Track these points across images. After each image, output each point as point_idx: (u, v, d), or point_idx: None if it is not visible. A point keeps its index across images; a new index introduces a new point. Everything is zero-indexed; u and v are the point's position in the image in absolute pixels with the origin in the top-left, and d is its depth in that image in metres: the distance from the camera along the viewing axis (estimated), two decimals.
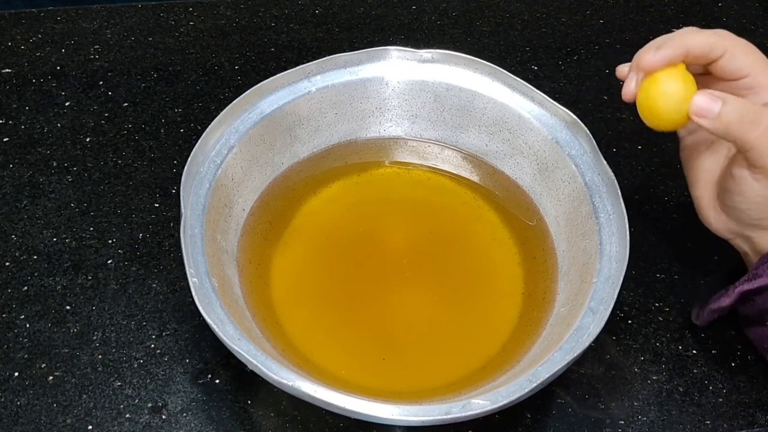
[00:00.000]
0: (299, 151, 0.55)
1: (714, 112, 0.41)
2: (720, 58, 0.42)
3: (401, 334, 0.49)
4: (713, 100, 0.41)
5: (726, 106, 0.40)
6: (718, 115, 0.41)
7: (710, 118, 0.41)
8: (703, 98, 0.41)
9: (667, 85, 0.42)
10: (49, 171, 0.58)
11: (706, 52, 0.42)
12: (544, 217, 0.53)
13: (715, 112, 0.41)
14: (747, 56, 0.42)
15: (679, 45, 0.42)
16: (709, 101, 0.41)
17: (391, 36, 0.72)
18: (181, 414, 0.46)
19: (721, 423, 0.47)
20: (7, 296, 0.51)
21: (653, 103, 0.42)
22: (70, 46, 0.68)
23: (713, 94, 0.41)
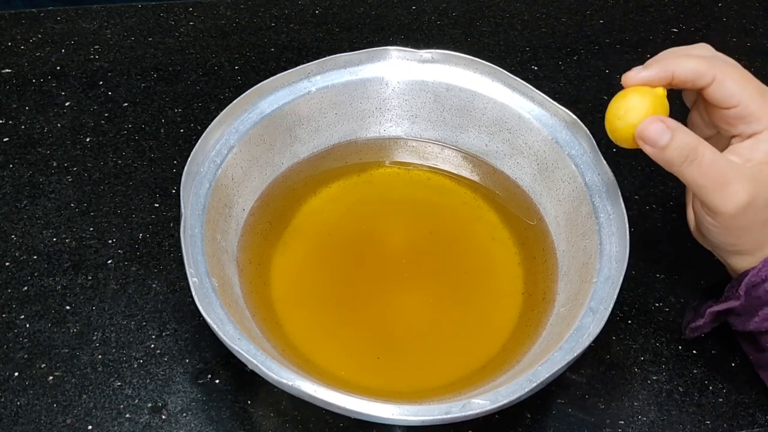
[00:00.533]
0: (299, 151, 0.55)
1: (660, 144, 0.40)
2: (708, 85, 0.41)
3: (401, 334, 0.49)
4: (663, 131, 0.40)
5: (674, 141, 0.39)
6: (662, 148, 0.40)
7: (655, 148, 0.40)
8: (654, 126, 0.40)
9: (630, 101, 0.42)
10: (49, 171, 0.58)
11: (692, 79, 0.41)
12: (544, 217, 0.53)
13: (661, 144, 0.40)
14: (737, 85, 0.41)
15: (665, 68, 0.41)
16: (659, 131, 0.40)
17: (391, 36, 0.72)
18: (181, 414, 0.46)
19: (721, 423, 0.47)
20: (7, 296, 0.51)
21: (612, 115, 0.43)
22: (70, 46, 0.68)
23: (666, 125, 0.40)
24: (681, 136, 0.39)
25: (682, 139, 0.39)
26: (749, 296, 0.43)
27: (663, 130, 0.40)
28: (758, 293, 0.43)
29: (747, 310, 0.44)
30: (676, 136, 0.39)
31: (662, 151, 0.40)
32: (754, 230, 0.42)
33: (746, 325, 0.44)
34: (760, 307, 0.43)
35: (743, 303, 0.43)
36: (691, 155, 0.39)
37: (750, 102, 0.40)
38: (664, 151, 0.40)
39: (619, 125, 0.42)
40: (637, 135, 0.41)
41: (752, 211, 0.40)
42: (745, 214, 0.40)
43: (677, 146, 0.39)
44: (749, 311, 0.44)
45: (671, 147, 0.40)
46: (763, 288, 0.42)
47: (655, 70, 0.41)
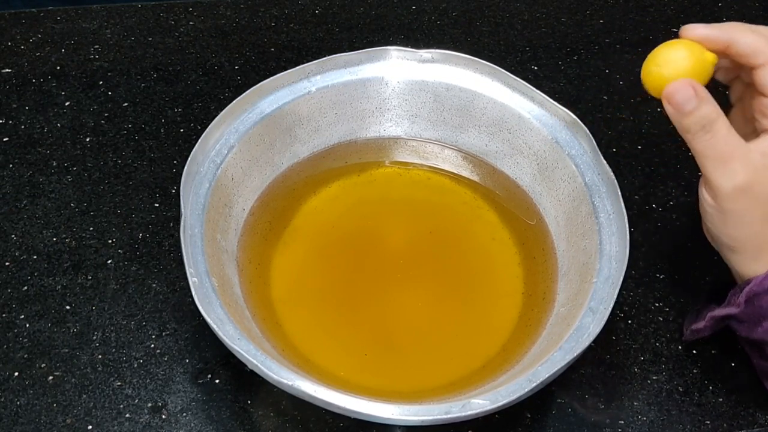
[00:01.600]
0: (299, 151, 0.55)
1: (684, 109, 0.40)
2: (759, 67, 0.41)
3: (401, 334, 0.49)
4: (691, 98, 0.40)
5: (698, 110, 0.40)
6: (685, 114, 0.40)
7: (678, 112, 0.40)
8: (685, 91, 0.40)
9: (675, 53, 0.41)
10: (49, 171, 0.58)
11: (747, 53, 0.41)
12: (544, 216, 0.53)
13: (685, 110, 0.40)
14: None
15: (726, 32, 0.41)
16: (687, 97, 0.40)
17: (391, 36, 0.72)
18: (181, 414, 0.46)
19: (721, 423, 0.47)
20: (7, 296, 0.51)
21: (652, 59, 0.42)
22: (70, 46, 0.68)
23: (696, 92, 0.40)
24: (705, 107, 0.40)
25: (706, 110, 0.40)
26: (750, 305, 0.43)
27: (691, 97, 0.40)
28: (760, 303, 0.42)
29: (750, 318, 0.43)
30: (701, 105, 0.40)
31: (683, 116, 0.40)
32: (751, 224, 0.41)
33: (751, 333, 0.44)
34: (763, 318, 0.42)
35: (743, 311, 0.43)
36: (707, 126, 0.40)
37: None
38: (685, 117, 0.40)
39: (654, 71, 0.41)
40: (664, 94, 0.41)
41: (748, 199, 0.40)
42: (740, 197, 0.40)
43: (699, 115, 0.40)
44: (752, 319, 0.43)
45: (693, 115, 0.40)
46: (765, 299, 0.42)
47: (716, 31, 0.41)
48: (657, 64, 0.41)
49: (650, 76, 0.42)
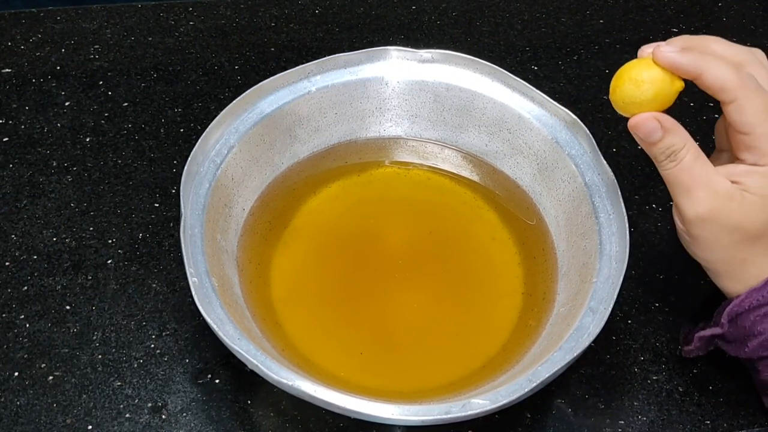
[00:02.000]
0: (299, 151, 0.55)
1: (649, 140, 0.41)
2: (728, 104, 0.40)
3: (401, 334, 0.49)
4: (656, 130, 0.41)
5: (662, 141, 0.41)
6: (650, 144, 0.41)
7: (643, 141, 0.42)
8: (649, 123, 0.41)
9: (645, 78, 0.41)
10: (49, 171, 0.58)
11: (716, 88, 0.40)
12: (544, 216, 0.53)
13: (650, 141, 0.41)
14: (754, 116, 0.40)
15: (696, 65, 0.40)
16: (653, 129, 0.41)
17: (391, 36, 0.72)
18: (181, 414, 0.46)
19: (721, 423, 0.47)
20: (7, 296, 0.51)
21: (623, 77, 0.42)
22: (70, 46, 0.68)
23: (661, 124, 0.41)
24: (669, 138, 0.41)
25: (670, 141, 0.41)
26: (734, 325, 0.43)
27: (656, 129, 0.41)
28: (743, 323, 0.42)
29: (736, 338, 0.43)
30: (665, 137, 0.41)
31: (649, 146, 0.42)
32: (719, 249, 0.42)
33: (739, 353, 0.44)
34: (747, 338, 0.43)
35: (729, 330, 0.43)
36: (673, 156, 0.41)
37: (761, 138, 0.40)
38: (651, 147, 0.42)
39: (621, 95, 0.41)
40: (630, 125, 0.42)
41: (713, 226, 0.41)
42: (704, 225, 0.41)
43: (664, 146, 0.41)
44: (738, 339, 0.43)
45: (658, 145, 0.41)
46: (749, 318, 0.42)
47: (686, 61, 0.40)
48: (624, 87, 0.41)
49: (618, 100, 0.42)
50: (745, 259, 0.42)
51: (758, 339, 0.42)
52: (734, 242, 0.41)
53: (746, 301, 0.42)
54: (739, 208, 0.40)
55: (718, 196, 0.40)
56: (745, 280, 0.42)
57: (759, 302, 0.42)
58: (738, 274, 0.42)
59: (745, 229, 0.41)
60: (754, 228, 0.41)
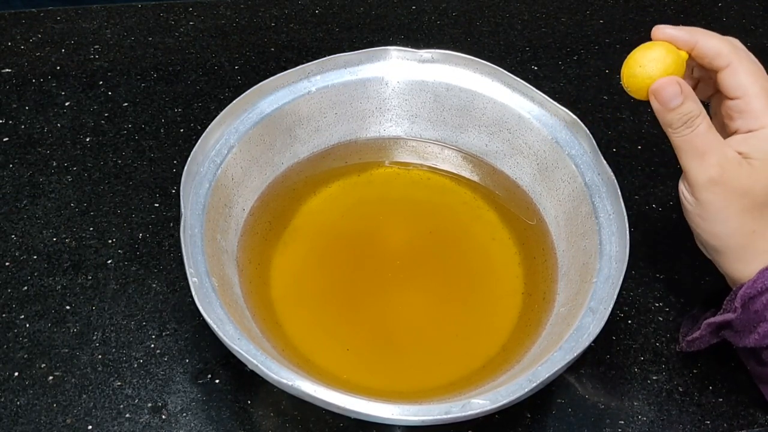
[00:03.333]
0: (299, 151, 0.55)
1: (670, 105, 0.42)
2: (722, 69, 0.43)
3: (401, 334, 0.49)
4: (677, 95, 0.42)
5: (682, 106, 0.42)
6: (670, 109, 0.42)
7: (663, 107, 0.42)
8: (671, 88, 0.42)
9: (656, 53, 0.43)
10: (49, 171, 0.58)
11: (711, 55, 0.43)
12: (544, 217, 0.53)
13: (671, 106, 0.42)
14: (748, 78, 0.42)
15: (691, 35, 0.43)
16: (674, 93, 0.42)
17: (391, 36, 0.72)
18: (181, 414, 0.46)
19: (721, 423, 0.47)
20: (7, 296, 0.51)
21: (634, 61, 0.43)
22: (70, 46, 0.68)
23: (681, 89, 0.42)
24: (689, 104, 0.42)
25: (689, 107, 0.42)
26: (746, 309, 0.43)
27: (677, 94, 0.42)
28: (756, 307, 0.42)
29: (745, 325, 0.43)
30: (685, 101, 0.42)
31: (668, 111, 0.42)
32: (728, 219, 0.42)
33: (746, 341, 0.43)
34: (758, 323, 0.42)
35: (740, 316, 0.43)
36: (689, 122, 0.42)
37: (754, 98, 0.42)
38: (669, 112, 0.42)
39: (638, 72, 0.43)
40: (652, 90, 0.43)
41: (722, 191, 0.42)
42: (714, 189, 0.42)
43: (683, 111, 0.42)
44: (747, 326, 0.43)
45: (677, 111, 0.42)
46: (761, 301, 0.42)
47: (683, 33, 0.43)
48: (640, 64, 0.43)
49: (634, 78, 0.43)
50: (755, 231, 0.42)
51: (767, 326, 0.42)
52: (743, 209, 0.42)
53: (758, 283, 0.42)
54: (747, 172, 0.42)
55: (728, 161, 0.42)
56: (755, 257, 0.43)
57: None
58: (748, 249, 0.43)
59: (754, 193, 0.42)
60: (762, 192, 0.42)
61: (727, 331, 0.45)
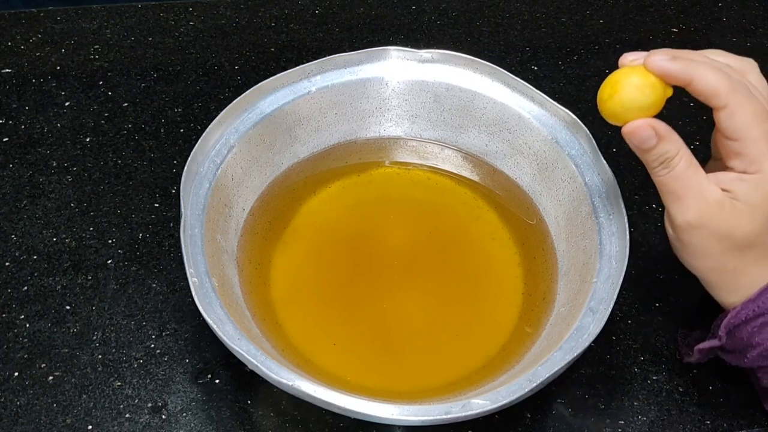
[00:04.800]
0: (299, 151, 0.55)
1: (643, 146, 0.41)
2: (719, 109, 0.40)
3: (401, 334, 0.49)
4: (650, 138, 0.40)
5: (656, 148, 0.40)
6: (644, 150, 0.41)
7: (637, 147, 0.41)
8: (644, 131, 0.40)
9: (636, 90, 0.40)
10: (49, 171, 0.58)
11: (707, 94, 0.40)
12: (544, 217, 0.53)
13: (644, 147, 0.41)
14: (745, 123, 0.39)
15: (686, 71, 0.40)
16: (647, 136, 0.40)
17: (391, 36, 0.72)
18: (181, 414, 0.46)
19: (721, 423, 0.47)
20: (7, 296, 0.51)
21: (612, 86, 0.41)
22: (70, 46, 0.68)
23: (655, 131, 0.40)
24: (663, 145, 0.40)
25: (664, 148, 0.40)
26: (732, 337, 0.43)
27: (651, 137, 0.40)
28: (741, 335, 0.42)
29: (734, 349, 0.43)
30: (659, 144, 0.40)
31: (643, 152, 0.41)
32: (709, 257, 0.42)
33: (740, 362, 0.44)
34: (746, 349, 0.42)
35: (726, 343, 0.43)
36: (666, 163, 0.41)
37: (751, 144, 0.39)
38: (644, 153, 0.41)
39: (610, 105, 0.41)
40: (625, 132, 0.41)
41: (702, 233, 0.41)
42: (694, 231, 0.41)
43: (658, 153, 0.41)
44: (737, 350, 0.43)
45: (652, 152, 0.41)
46: (746, 330, 0.42)
47: (678, 68, 0.40)
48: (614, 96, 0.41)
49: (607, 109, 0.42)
50: (736, 269, 0.42)
51: (757, 350, 0.42)
52: (723, 250, 0.41)
53: (742, 313, 0.42)
54: (728, 216, 0.40)
55: (707, 204, 0.40)
56: (738, 290, 0.42)
57: (755, 313, 0.41)
58: (730, 284, 0.42)
59: (734, 237, 0.40)
60: (743, 236, 0.40)
61: (720, 353, 0.45)
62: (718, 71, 0.40)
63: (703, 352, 0.45)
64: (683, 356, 0.48)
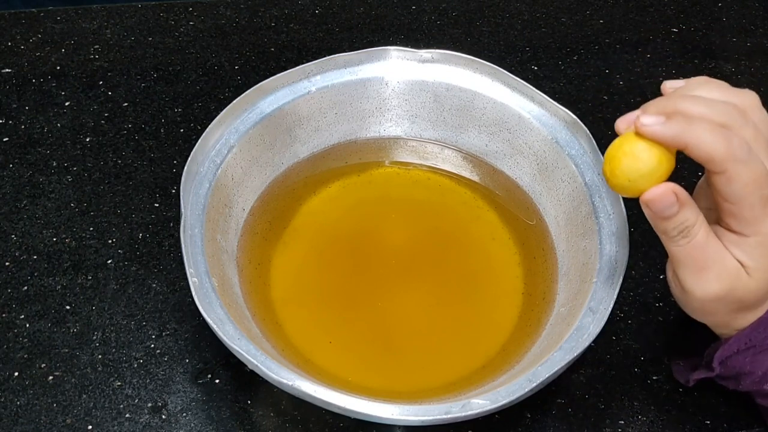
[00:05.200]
0: (299, 151, 0.55)
1: (664, 215, 0.38)
2: (716, 174, 0.37)
3: (401, 334, 0.49)
4: (672, 205, 0.37)
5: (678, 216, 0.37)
6: (664, 218, 0.38)
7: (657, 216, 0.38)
8: (667, 198, 0.37)
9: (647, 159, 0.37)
10: (49, 171, 0.58)
11: (703, 161, 0.37)
12: (544, 217, 0.53)
13: (665, 215, 0.38)
14: (743, 190, 0.37)
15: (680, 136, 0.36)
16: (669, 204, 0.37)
17: (391, 36, 0.72)
18: (181, 414, 0.46)
19: (720, 423, 0.47)
20: (7, 296, 0.51)
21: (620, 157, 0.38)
22: (70, 46, 0.68)
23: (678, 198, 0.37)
24: (685, 213, 0.38)
25: (685, 216, 0.38)
26: (725, 366, 0.43)
27: (673, 204, 0.37)
28: (733, 364, 0.43)
29: (729, 376, 0.44)
30: (681, 211, 0.37)
31: (662, 221, 0.38)
32: (716, 315, 0.41)
33: (738, 387, 0.44)
34: (739, 377, 0.43)
35: (721, 373, 0.44)
36: (685, 231, 0.38)
37: (747, 209, 0.37)
38: (663, 221, 0.38)
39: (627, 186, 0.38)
40: (644, 201, 0.38)
41: (720, 303, 0.40)
42: (711, 303, 0.40)
43: (678, 221, 0.38)
44: (732, 377, 0.44)
45: (673, 220, 0.38)
46: (738, 360, 0.42)
47: (670, 134, 0.37)
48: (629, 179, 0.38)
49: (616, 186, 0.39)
50: (736, 319, 0.42)
51: (750, 377, 0.42)
52: (730, 311, 0.40)
53: (734, 345, 0.42)
54: (744, 284, 0.39)
55: (730, 277, 0.38)
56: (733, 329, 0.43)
57: (747, 345, 0.42)
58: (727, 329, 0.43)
59: (744, 301, 0.40)
60: (750, 301, 0.40)
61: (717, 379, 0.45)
62: (716, 132, 0.36)
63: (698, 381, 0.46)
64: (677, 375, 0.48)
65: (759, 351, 0.41)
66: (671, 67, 0.70)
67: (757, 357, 0.41)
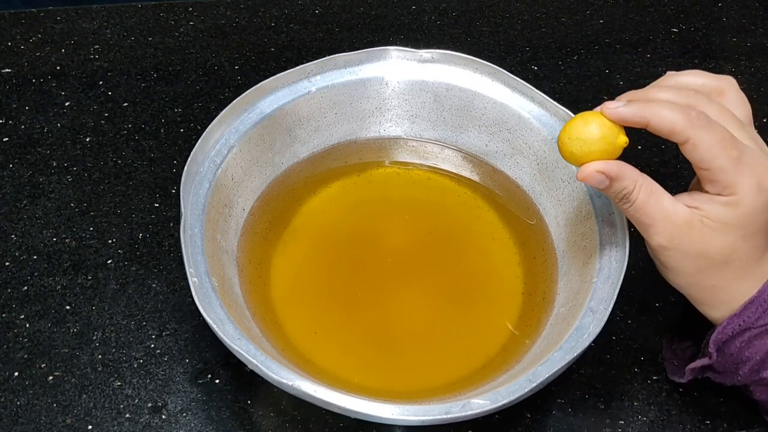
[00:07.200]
0: (299, 151, 0.55)
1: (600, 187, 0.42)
2: (682, 144, 0.41)
3: (401, 334, 0.49)
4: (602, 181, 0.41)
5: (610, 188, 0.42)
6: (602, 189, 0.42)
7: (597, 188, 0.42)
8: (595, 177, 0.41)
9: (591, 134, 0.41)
10: (49, 171, 0.58)
11: (666, 134, 0.41)
12: (544, 217, 0.53)
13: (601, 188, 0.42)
14: (709, 153, 0.40)
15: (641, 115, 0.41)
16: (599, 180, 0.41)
17: (391, 36, 0.72)
18: (181, 414, 0.46)
19: (720, 423, 0.47)
20: (7, 296, 0.51)
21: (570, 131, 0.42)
22: (70, 46, 0.68)
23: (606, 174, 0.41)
24: (617, 184, 0.41)
25: (618, 186, 0.41)
26: (721, 353, 0.43)
27: (602, 180, 0.41)
28: (730, 350, 0.43)
29: (726, 368, 0.44)
30: (612, 184, 0.41)
31: (603, 191, 0.42)
32: (686, 275, 0.42)
33: (734, 381, 0.44)
34: (737, 366, 0.43)
35: (717, 361, 0.43)
36: (625, 198, 0.42)
37: (720, 172, 0.40)
38: (604, 191, 0.42)
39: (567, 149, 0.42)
40: (579, 177, 0.42)
41: (677, 254, 0.42)
42: (668, 253, 0.42)
43: (614, 191, 0.42)
44: (728, 368, 0.44)
45: (609, 191, 0.42)
46: (734, 345, 0.42)
47: (631, 112, 0.41)
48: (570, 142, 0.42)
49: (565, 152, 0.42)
50: (714, 286, 0.42)
51: (748, 365, 0.42)
52: (699, 269, 0.42)
53: (728, 328, 0.42)
54: (699, 235, 0.41)
55: (675, 226, 0.41)
56: (721, 306, 0.43)
57: (741, 327, 0.42)
58: (711, 300, 0.43)
59: (707, 255, 0.41)
60: (717, 254, 0.41)
61: (712, 374, 0.45)
62: (674, 108, 0.40)
63: (694, 371, 0.45)
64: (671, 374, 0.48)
65: (755, 335, 0.42)
66: (671, 66, 0.70)
67: (754, 342, 0.42)
